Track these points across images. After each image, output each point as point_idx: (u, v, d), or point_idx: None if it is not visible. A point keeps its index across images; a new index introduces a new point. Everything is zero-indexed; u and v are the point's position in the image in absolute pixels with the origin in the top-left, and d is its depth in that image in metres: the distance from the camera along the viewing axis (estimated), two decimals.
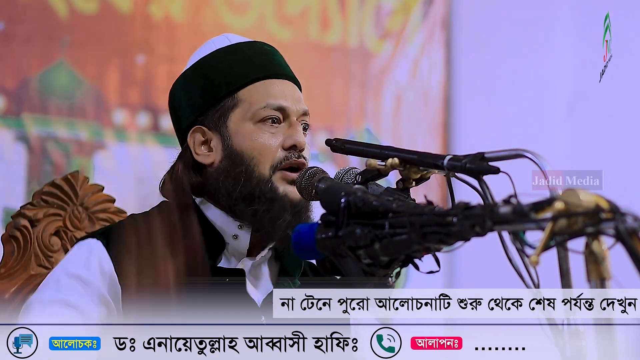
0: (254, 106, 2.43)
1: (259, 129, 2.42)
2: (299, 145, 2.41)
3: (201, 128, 2.45)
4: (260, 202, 2.38)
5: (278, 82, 2.47)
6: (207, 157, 2.45)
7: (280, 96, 2.45)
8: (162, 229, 2.43)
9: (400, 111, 5.17)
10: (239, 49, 2.50)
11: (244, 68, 2.46)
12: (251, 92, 2.44)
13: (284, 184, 2.40)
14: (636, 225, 1.55)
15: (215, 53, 2.49)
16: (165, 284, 2.32)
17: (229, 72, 2.46)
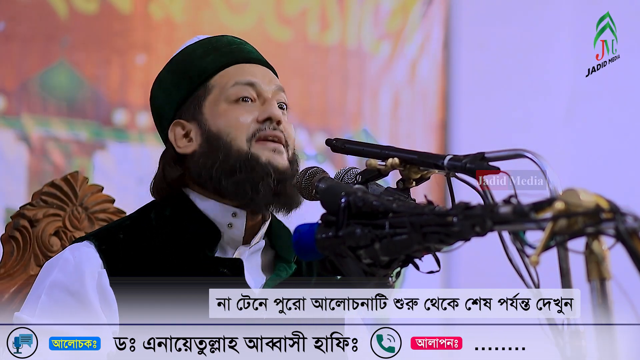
0: (224, 88, 2.45)
1: (232, 108, 2.44)
2: (274, 117, 2.42)
3: (179, 122, 2.48)
4: (241, 172, 2.39)
5: (248, 66, 2.50)
6: (188, 147, 2.46)
7: (250, 74, 2.47)
8: (156, 224, 2.43)
9: (398, 111, 5.17)
10: (208, 42, 2.54)
11: (213, 57, 2.49)
12: (222, 77, 2.47)
13: (265, 152, 2.41)
14: (636, 225, 1.55)
15: (185, 49, 2.54)
16: (162, 279, 2.32)
17: (199, 63, 2.49)
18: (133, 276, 2.33)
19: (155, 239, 2.41)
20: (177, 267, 2.37)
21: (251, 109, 2.44)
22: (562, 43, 5.08)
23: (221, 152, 2.41)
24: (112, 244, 2.39)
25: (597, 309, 1.60)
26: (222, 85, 2.46)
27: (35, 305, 2.33)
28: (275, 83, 2.50)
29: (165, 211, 2.45)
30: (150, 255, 2.38)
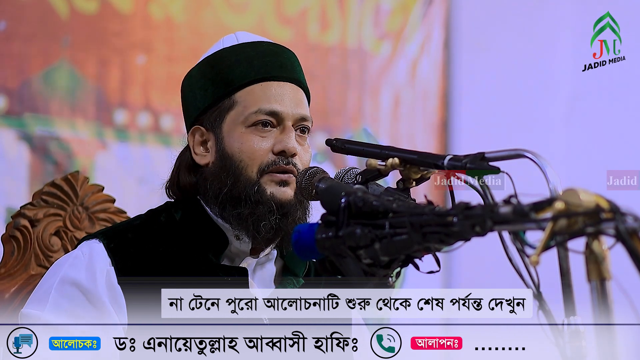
0: (247, 109, 2.40)
1: (250, 133, 2.38)
2: (288, 151, 2.37)
3: (200, 128, 2.44)
4: (245, 205, 2.36)
5: (276, 85, 2.42)
6: (204, 158, 2.44)
7: (275, 100, 2.40)
8: (166, 226, 2.43)
9: (398, 111, 5.17)
10: (243, 48, 2.46)
11: (244, 69, 2.43)
12: (247, 94, 2.41)
13: (272, 185, 2.37)
14: (636, 225, 1.55)
15: (220, 52, 2.47)
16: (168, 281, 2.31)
17: (228, 72, 2.43)
18: (139, 276, 2.32)
19: (163, 241, 2.40)
20: (183, 270, 2.37)
21: (269, 136, 2.39)
22: (562, 43, 5.08)
23: (230, 178, 2.38)
24: (121, 243, 2.38)
25: (597, 309, 1.60)
26: (246, 104, 2.40)
27: (45, 301, 2.32)
28: (300, 108, 2.43)
29: (176, 214, 2.44)
30: (157, 257, 2.38)
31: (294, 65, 2.48)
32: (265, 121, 2.38)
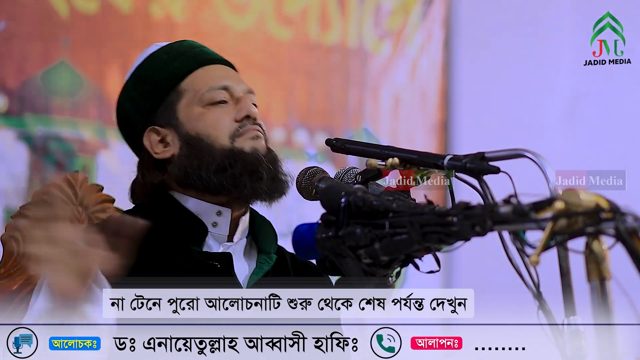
0: (198, 92, 2.49)
1: (208, 110, 2.48)
2: (252, 115, 2.48)
3: (154, 128, 2.51)
4: (233, 166, 2.43)
5: (216, 67, 2.54)
6: (166, 152, 2.50)
7: (221, 78, 2.51)
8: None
9: (399, 111, 5.18)
10: (170, 48, 2.57)
11: (180, 62, 2.53)
12: (193, 80, 2.51)
13: (248, 141, 2.46)
14: (636, 225, 1.55)
15: (148, 58, 2.57)
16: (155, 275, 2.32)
17: (166, 69, 2.52)
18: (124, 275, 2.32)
19: (143, 238, 2.41)
20: (167, 263, 2.38)
21: (228, 109, 2.48)
22: (563, 43, 5.08)
23: (205, 153, 2.44)
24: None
25: (597, 309, 1.60)
26: (196, 89, 2.50)
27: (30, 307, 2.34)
28: (244, 83, 2.54)
29: (150, 212, 2.46)
30: (139, 253, 2.38)
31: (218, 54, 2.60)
32: (219, 100, 2.48)
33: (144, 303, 2.15)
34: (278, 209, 2.54)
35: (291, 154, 4.71)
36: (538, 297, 1.83)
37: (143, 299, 2.15)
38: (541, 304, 1.82)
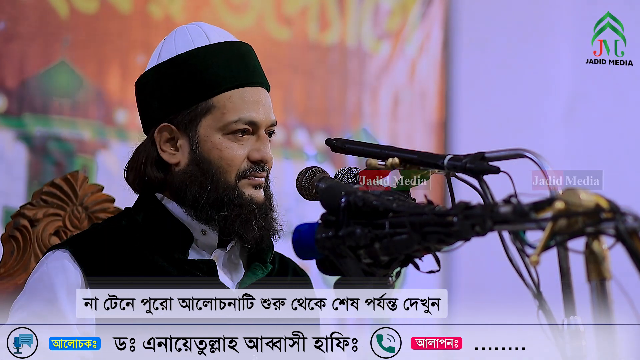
0: (226, 117, 2.43)
1: (229, 140, 2.44)
2: (265, 161, 2.46)
3: (169, 126, 2.45)
4: (229, 208, 2.42)
5: (252, 92, 2.47)
6: (173, 157, 2.46)
7: (252, 109, 2.45)
8: (128, 229, 2.43)
9: (398, 111, 5.17)
10: (217, 50, 2.48)
11: (221, 73, 2.45)
12: (227, 100, 2.44)
13: (250, 189, 2.45)
14: (636, 225, 1.55)
15: (193, 52, 2.47)
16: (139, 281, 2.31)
17: (204, 76, 2.45)
18: (109, 281, 2.31)
19: (128, 243, 2.41)
20: (151, 270, 2.37)
21: (245, 144, 2.45)
22: (562, 43, 5.08)
23: (209, 182, 2.43)
24: (87, 250, 2.39)
25: (597, 309, 1.60)
26: (224, 111, 2.44)
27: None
28: (271, 114, 2.50)
29: (137, 216, 2.45)
30: (124, 260, 2.38)
31: (259, 66, 2.54)
32: (242, 130, 2.44)
33: (117, 303, 2.15)
34: (278, 208, 2.54)
35: (290, 154, 4.71)
36: (538, 297, 1.83)
37: (116, 298, 2.16)
38: (541, 304, 1.82)
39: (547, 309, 1.82)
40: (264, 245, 2.48)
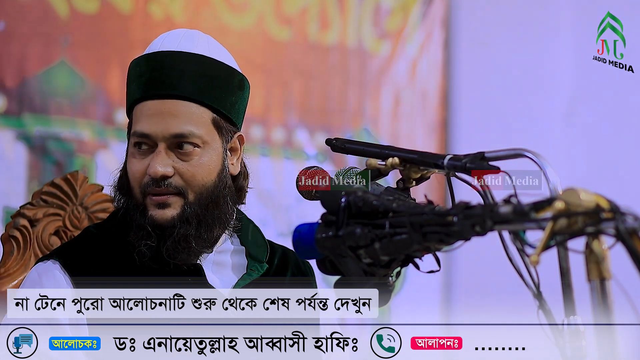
0: (131, 130, 2.41)
1: (133, 154, 2.40)
2: (153, 175, 2.34)
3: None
4: (134, 226, 2.37)
5: (155, 104, 2.38)
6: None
7: (147, 121, 2.37)
8: (117, 235, 2.41)
9: (398, 111, 5.17)
10: (144, 61, 2.44)
11: (135, 86, 2.41)
12: (135, 113, 2.40)
13: (153, 208, 2.36)
14: (636, 225, 1.55)
15: (139, 59, 2.45)
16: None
17: (130, 87, 2.44)
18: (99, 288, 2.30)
19: (118, 250, 2.40)
20: (140, 274, 2.37)
21: (146, 158, 2.38)
22: (562, 43, 5.08)
23: (126, 196, 2.41)
24: (76, 259, 2.38)
25: (597, 309, 1.60)
26: (132, 124, 2.41)
27: None
28: (175, 126, 2.36)
29: (125, 220, 2.43)
30: (113, 266, 2.37)
31: (184, 76, 2.41)
32: (140, 142, 2.38)
33: (49, 303, 2.17)
34: (278, 208, 2.53)
35: (291, 154, 4.71)
36: (538, 297, 1.83)
37: (47, 298, 2.18)
38: (541, 304, 1.82)
39: (547, 309, 1.82)
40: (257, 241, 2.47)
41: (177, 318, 2.17)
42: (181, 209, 2.36)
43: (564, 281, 1.80)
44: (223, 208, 2.40)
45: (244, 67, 2.58)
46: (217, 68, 2.43)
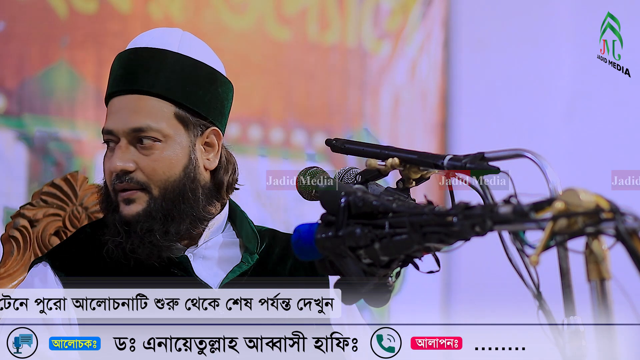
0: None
1: (106, 152, 2.42)
2: (113, 170, 2.36)
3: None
4: (109, 228, 2.38)
5: (119, 100, 2.41)
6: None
7: (110, 118, 2.40)
8: (109, 233, 2.41)
9: (398, 111, 5.17)
10: (117, 59, 2.48)
11: (109, 84, 2.46)
12: (107, 111, 2.44)
13: (122, 204, 2.37)
14: (636, 225, 1.55)
15: (115, 57, 2.48)
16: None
17: (109, 83, 2.47)
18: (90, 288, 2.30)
19: (105, 248, 2.40)
20: (130, 272, 2.36)
21: (113, 156, 2.39)
22: (562, 43, 5.08)
23: (105, 194, 2.41)
24: (66, 259, 2.39)
25: (597, 309, 1.60)
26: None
27: None
28: (134, 120, 2.38)
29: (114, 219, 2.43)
30: (103, 265, 2.37)
31: (147, 71, 2.42)
32: (108, 140, 2.39)
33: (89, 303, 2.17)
34: (277, 208, 2.53)
35: (290, 154, 4.71)
36: (538, 297, 1.83)
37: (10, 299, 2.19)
38: (541, 304, 1.82)
39: (547, 309, 1.82)
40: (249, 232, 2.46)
41: (174, 318, 2.17)
42: (146, 204, 2.36)
43: (564, 281, 1.80)
44: (193, 202, 2.38)
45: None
46: (181, 62, 2.42)
